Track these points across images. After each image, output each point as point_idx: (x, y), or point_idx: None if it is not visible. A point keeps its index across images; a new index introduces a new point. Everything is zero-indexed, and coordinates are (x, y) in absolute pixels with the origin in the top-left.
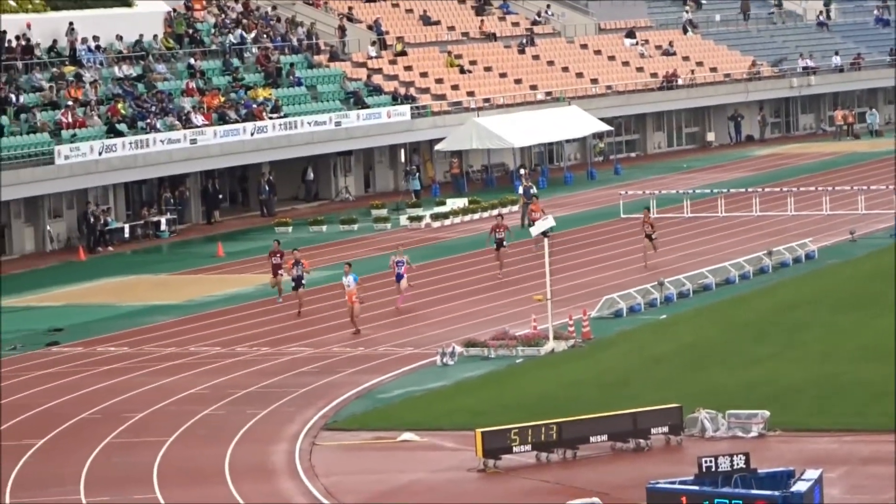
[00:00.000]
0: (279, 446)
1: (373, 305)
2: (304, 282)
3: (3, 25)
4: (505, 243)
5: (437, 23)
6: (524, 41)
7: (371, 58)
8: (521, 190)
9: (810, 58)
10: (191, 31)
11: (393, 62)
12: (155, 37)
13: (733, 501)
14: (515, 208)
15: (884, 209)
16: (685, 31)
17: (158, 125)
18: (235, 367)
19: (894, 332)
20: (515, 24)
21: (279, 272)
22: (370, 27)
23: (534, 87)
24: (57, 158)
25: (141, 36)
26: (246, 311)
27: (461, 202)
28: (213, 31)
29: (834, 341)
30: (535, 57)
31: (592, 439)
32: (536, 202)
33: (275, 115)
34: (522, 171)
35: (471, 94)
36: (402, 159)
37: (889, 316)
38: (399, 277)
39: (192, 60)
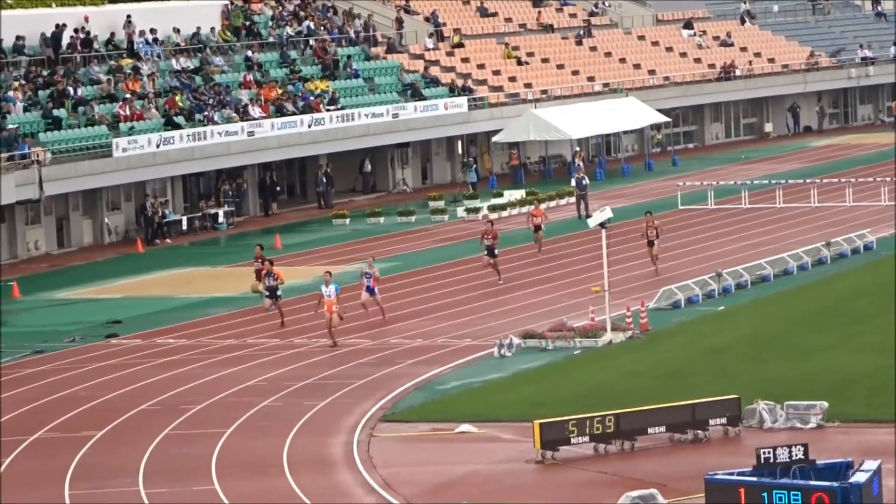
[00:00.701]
0: (337, 438)
1: (425, 299)
2: (279, 293)
3: (62, 18)
4: (496, 251)
5: (494, 14)
6: (581, 32)
7: (428, 49)
8: (573, 182)
9: (868, 48)
10: (248, 23)
11: (450, 54)
12: (212, 29)
13: (792, 493)
14: (516, 212)
15: None
16: (743, 22)
17: (216, 117)
18: (293, 359)
19: None
20: (573, 16)
21: (263, 278)
22: (427, 19)
23: (591, 79)
24: (115, 151)
25: (198, 28)
26: (303, 303)
27: (519, 193)
28: (270, 23)
29: (892, 333)
30: (593, 48)
31: (650, 430)
32: (538, 207)
33: (332, 108)
34: (578, 163)
35: (528, 85)
36: (460, 151)
37: None
38: (370, 290)
39: (249, 53)
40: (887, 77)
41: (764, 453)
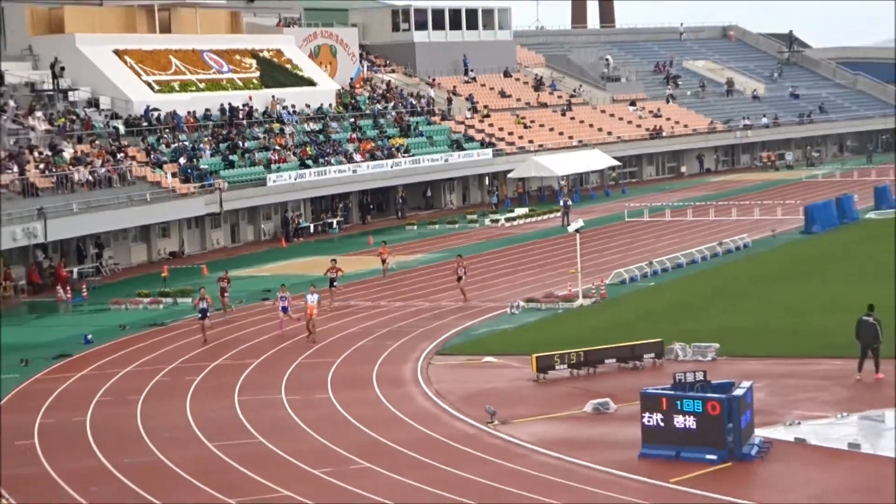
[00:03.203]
0: (407, 365)
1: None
2: (208, 315)
3: (235, 98)
4: (335, 284)
5: (510, 96)
6: (565, 108)
7: (467, 118)
8: (561, 202)
9: (747, 119)
10: (353, 101)
11: (481, 121)
12: (330, 105)
13: (695, 401)
14: (523, 222)
15: (793, 215)
16: (668, 102)
17: (332, 161)
18: (379, 315)
19: (800, 295)
20: (560, 97)
21: (224, 294)
22: (467, 99)
23: (570, 138)
24: (268, 182)
25: (321, 104)
26: (386, 279)
27: (524, 210)
28: (367, 101)
29: (762, 301)
30: (572, 118)
31: (606, 361)
32: (384, 246)
33: (406, 155)
34: (563, 191)
35: (531, 141)
36: (487, 183)
37: (797, 285)
38: (285, 310)
39: (353, 120)
40: (759, 137)
41: (678, 376)
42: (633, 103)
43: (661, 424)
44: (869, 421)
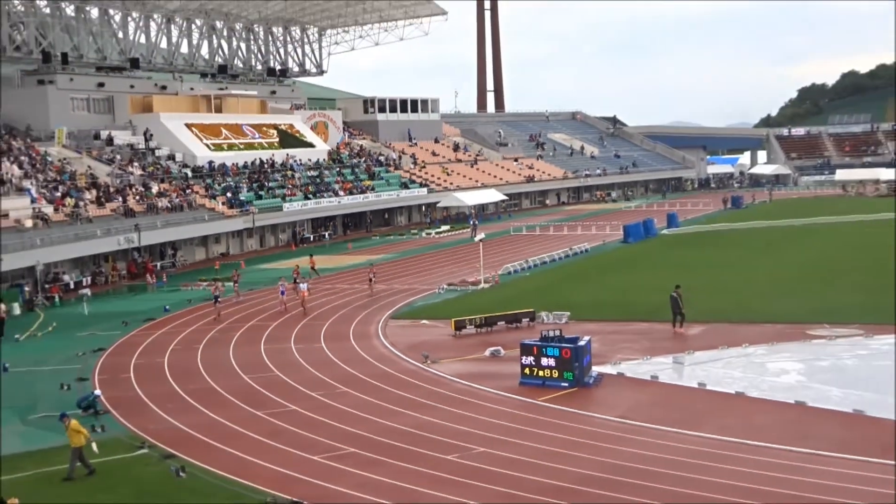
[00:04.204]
0: (372, 325)
1: (408, 270)
2: (219, 300)
3: (262, 156)
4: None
5: (438, 154)
6: (473, 162)
7: (411, 169)
8: (471, 221)
9: (587, 170)
10: (339, 157)
11: (420, 171)
12: (324, 160)
13: (555, 349)
14: (446, 234)
15: (616, 232)
16: (538, 159)
17: (325, 195)
18: (354, 294)
19: (621, 281)
20: (469, 156)
21: (236, 283)
22: (411, 157)
23: (476, 181)
24: (284, 208)
25: (318, 159)
26: (361, 270)
27: (447, 227)
28: (347, 157)
29: (598, 284)
30: (478, 169)
31: (499, 323)
32: (312, 258)
33: (372, 192)
34: (472, 214)
35: (451, 184)
36: (423, 209)
37: (619, 274)
38: (283, 293)
39: (338, 169)
40: (595, 181)
41: (544, 333)
42: (516, 160)
43: (534, 364)
44: (676, 362)
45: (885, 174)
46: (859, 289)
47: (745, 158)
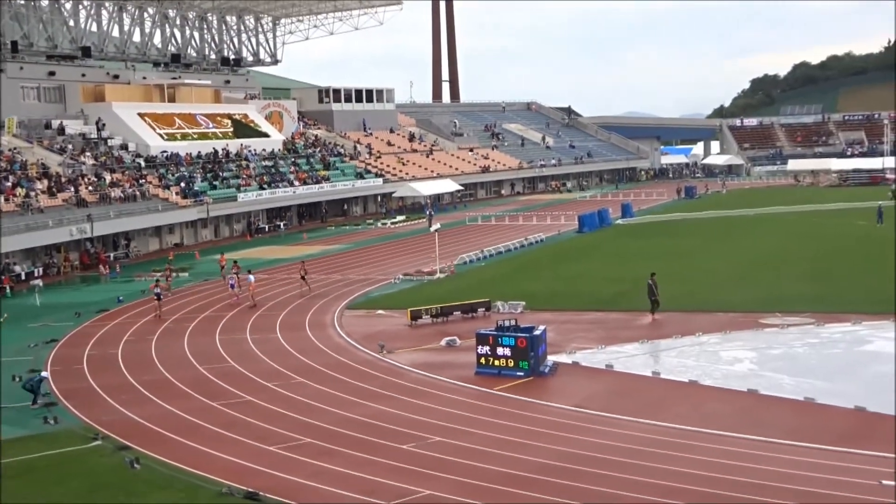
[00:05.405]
0: (328, 315)
1: (365, 260)
2: (161, 298)
3: (216, 146)
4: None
5: (393, 145)
6: (428, 152)
7: (366, 159)
8: (427, 212)
9: (542, 160)
10: (293, 147)
11: (375, 161)
12: (278, 150)
13: (511, 338)
14: (401, 224)
15: (571, 221)
16: (493, 149)
17: (280, 185)
18: (314, 282)
19: (575, 270)
20: (425, 146)
21: (169, 279)
22: (366, 147)
23: (432, 171)
24: (238, 198)
25: (273, 149)
26: (322, 259)
27: (403, 217)
28: (302, 147)
29: (553, 274)
30: (433, 159)
31: (455, 313)
32: (237, 265)
33: (327, 182)
34: (428, 205)
35: (407, 174)
36: (379, 199)
37: (574, 264)
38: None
39: (293, 159)
40: (550, 171)
41: (499, 322)
42: (471, 150)
43: (489, 353)
44: (651, 348)
45: (836, 164)
46: (811, 278)
47: (698, 149)
